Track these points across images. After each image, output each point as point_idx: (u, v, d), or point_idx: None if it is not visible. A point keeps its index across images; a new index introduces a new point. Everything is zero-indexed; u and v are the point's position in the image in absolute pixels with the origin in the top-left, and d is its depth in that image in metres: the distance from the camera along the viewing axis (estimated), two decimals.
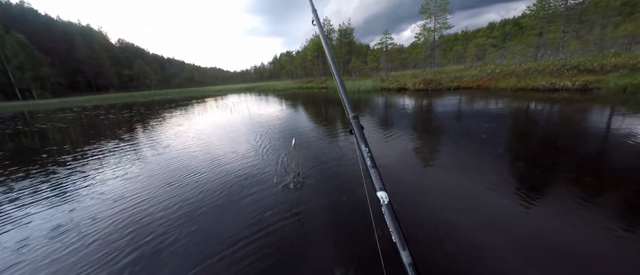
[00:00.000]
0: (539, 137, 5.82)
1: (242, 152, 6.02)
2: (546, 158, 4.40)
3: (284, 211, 3.19)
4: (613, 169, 3.84)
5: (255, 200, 3.54)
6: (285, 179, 4.12)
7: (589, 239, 2.41)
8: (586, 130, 5.94)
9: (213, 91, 55.74)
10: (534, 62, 17.97)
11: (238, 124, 10.25)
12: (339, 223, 2.92)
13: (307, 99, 20.61)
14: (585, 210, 2.83)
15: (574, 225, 2.61)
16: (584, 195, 3.12)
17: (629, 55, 14.42)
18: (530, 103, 10.24)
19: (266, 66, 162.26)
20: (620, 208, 2.86)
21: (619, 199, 3.04)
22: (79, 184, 4.72)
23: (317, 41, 49.13)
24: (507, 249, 2.34)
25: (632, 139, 4.96)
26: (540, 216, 2.78)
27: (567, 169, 3.88)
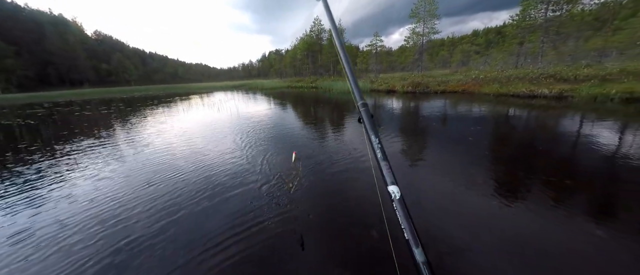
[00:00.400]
0: (520, 141, 6.00)
1: (228, 152, 5.77)
2: (528, 161, 4.53)
3: (282, 216, 3.04)
4: (586, 171, 4.00)
5: (243, 205, 3.35)
6: (282, 183, 3.95)
7: (570, 239, 2.45)
8: (563, 136, 6.21)
9: (199, 88, 54.08)
10: (514, 70, 18.80)
11: (225, 122, 9.90)
12: (348, 222, 2.89)
13: (297, 98, 20.40)
14: (565, 210, 2.90)
15: (555, 224, 2.65)
16: (564, 197, 3.21)
17: (599, 67, 15.42)
18: (511, 108, 10.64)
19: (255, 64, 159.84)
20: (595, 209, 2.96)
21: (594, 200, 3.15)
22: (47, 185, 4.31)
23: (307, 40, 48.94)
24: (492, 247, 2.33)
25: (601, 144, 5.22)
26: (522, 216, 2.82)
27: (548, 172, 3.99)
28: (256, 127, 8.57)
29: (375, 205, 3.07)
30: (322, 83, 31.12)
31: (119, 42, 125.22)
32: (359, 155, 5.13)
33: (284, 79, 53.86)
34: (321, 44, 48.62)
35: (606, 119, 7.64)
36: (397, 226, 0.69)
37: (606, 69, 13.95)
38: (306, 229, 2.76)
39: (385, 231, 2.54)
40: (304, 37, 51.90)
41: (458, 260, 2.27)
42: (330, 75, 43.98)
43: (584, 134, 6.14)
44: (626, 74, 12.57)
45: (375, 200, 3.04)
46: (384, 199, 0.83)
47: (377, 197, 1.00)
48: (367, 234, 2.64)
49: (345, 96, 20.10)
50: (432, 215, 2.99)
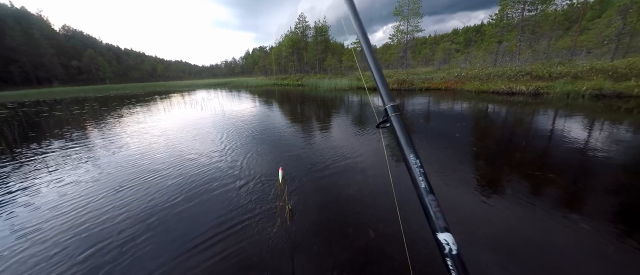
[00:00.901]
0: (504, 137, 6.18)
1: (211, 156, 5.49)
2: (513, 156, 4.65)
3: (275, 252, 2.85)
4: (568, 166, 4.15)
5: (226, 225, 3.15)
6: (271, 206, 3.75)
7: (555, 230, 2.49)
8: (543, 131, 6.46)
9: (180, 86, 51.97)
10: (494, 68, 19.57)
11: (208, 122, 9.48)
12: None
13: (284, 96, 20.07)
14: (549, 202, 2.97)
15: (542, 217, 2.70)
16: (549, 190, 3.30)
17: (571, 65, 16.38)
18: (493, 105, 11.02)
19: (238, 61, 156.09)
20: (575, 201, 3.05)
21: (574, 193, 3.26)
22: (4, 192, 3.86)
23: (292, 37, 48.29)
24: (488, 242, 2.32)
25: (576, 139, 5.48)
26: (511, 210, 2.85)
27: (532, 167, 4.10)
28: (242, 128, 8.27)
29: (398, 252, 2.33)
30: (309, 80, 30.88)
31: (90, 38, 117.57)
32: (365, 165, 5.04)
33: (269, 77, 53.00)
34: (306, 41, 48.19)
35: (578, 114, 8.10)
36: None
37: (577, 67, 14.82)
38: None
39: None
40: (289, 34, 51.21)
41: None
42: (315, 73, 43.74)
43: (561, 130, 6.43)
44: (595, 71, 13.40)
45: (398, 247, 2.38)
46: (417, 249, 0.63)
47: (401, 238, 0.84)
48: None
49: (330, 94, 20.03)
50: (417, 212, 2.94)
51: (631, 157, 4.47)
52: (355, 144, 5.81)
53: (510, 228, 2.69)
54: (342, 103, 14.39)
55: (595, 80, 12.50)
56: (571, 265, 2.18)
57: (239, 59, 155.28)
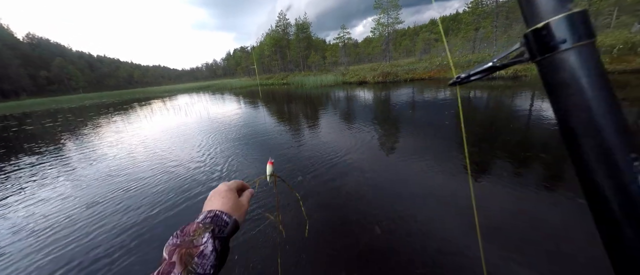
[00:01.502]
0: (492, 121, 6.34)
1: (195, 161, 5.28)
2: (503, 139, 4.77)
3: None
4: (549, 142, 4.31)
5: None
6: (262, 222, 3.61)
7: (554, 209, 2.56)
8: (528, 113, 6.70)
9: (159, 92, 50.02)
10: (473, 55, 20.14)
11: (192, 127, 9.15)
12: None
13: (270, 96, 19.75)
14: (543, 181, 3.06)
15: (539, 196, 2.77)
16: (535, 168, 3.40)
17: None
18: (476, 90, 11.34)
19: (219, 63, 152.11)
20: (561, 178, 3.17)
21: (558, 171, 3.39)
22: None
23: (274, 35, 47.49)
24: (495, 228, 2.35)
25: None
26: (511, 193, 2.91)
27: (524, 148, 4.22)
28: (229, 132, 8.03)
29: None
30: (294, 79, 30.59)
31: (59, 46, 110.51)
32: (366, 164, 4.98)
33: (253, 77, 52.06)
34: (288, 39, 47.59)
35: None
36: None
37: None
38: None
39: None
40: (270, 32, 50.36)
41: (455, 240, 2.24)
42: (300, 70, 43.40)
43: (539, 110, 6.70)
44: None
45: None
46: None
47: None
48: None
49: (317, 91, 19.93)
50: (424, 204, 2.95)
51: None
52: (353, 140, 5.78)
53: (512, 209, 2.74)
54: (329, 99, 14.35)
55: None
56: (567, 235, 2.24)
57: (220, 61, 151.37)
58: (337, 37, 34.83)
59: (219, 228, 0.48)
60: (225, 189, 0.59)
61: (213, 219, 0.49)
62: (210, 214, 0.50)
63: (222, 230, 0.48)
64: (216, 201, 0.55)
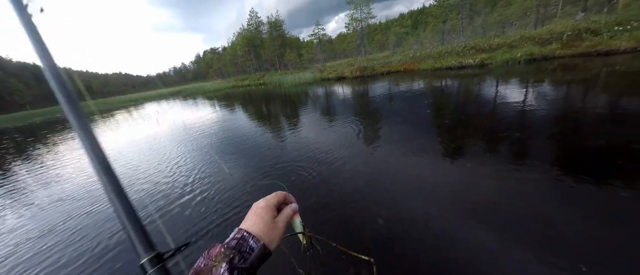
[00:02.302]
0: (468, 107, 6.64)
1: (167, 177, 4.91)
2: (478, 123, 5.01)
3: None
4: (513, 122, 4.60)
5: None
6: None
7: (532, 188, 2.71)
8: (496, 97, 7.10)
9: (123, 101, 46.35)
10: (442, 46, 21.13)
11: (160, 138, 8.53)
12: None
13: (247, 98, 19.11)
14: (517, 159, 3.23)
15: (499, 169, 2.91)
16: (512, 147, 3.60)
17: (505, 37, 18.40)
18: (449, 80, 11.87)
19: (189, 66, 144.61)
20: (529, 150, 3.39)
21: (527, 145, 3.62)
22: None
23: (246, 35, 46.02)
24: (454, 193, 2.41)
25: (520, 99, 6.15)
26: (479, 169, 3.03)
27: (501, 128, 4.45)
28: (207, 140, 7.59)
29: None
30: (271, 78, 29.94)
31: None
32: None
33: (227, 79, 50.13)
34: (262, 38, 46.45)
35: (516, 79, 9.18)
36: None
37: (510, 37, 16.69)
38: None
39: None
40: (242, 31, 48.76)
41: (437, 223, 2.26)
42: (276, 69, 42.64)
43: (505, 94, 7.14)
44: (525, 39, 15.23)
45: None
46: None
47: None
48: None
49: (295, 89, 19.68)
50: (413, 190, 2.97)
51: (558, 107, 5.19)
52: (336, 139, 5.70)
53: (496, 187, 2.83)
54: (310, 97, 14.20)
55: (526, 47, 14.20)
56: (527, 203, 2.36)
57: (190, 64, 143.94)
58: (311, 34, 34.68)
59: (241, 256, 0.42)
60: (263, 205, 0.52)
61: (238, 243, 0.44)
62: (237, 235, 0.45)
63: (245, 259, 0.42)
64: (249, 219, 0.50)
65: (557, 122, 4.53)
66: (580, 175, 2.82)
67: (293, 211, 0.56)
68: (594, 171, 2.86)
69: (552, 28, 15.53)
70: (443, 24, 23.76)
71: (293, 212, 0.56)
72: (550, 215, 2.32)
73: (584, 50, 12.05)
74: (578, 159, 3.22)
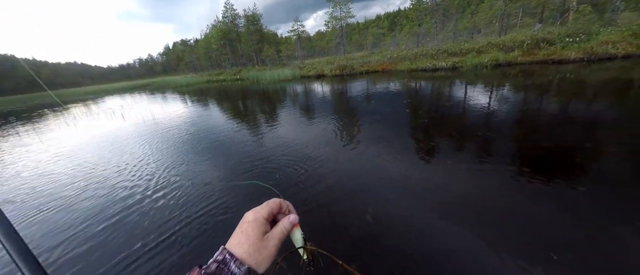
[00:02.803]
0: (445, 107, 6.94)
1: (128, 183, 4.49)
2: (457, 122, 5.26)
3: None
4: (502, 123, 4.93)
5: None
6: None
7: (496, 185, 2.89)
8: (470, 99, 7.54)
9: (80, 94, 41.86)
10: (418, 48, 22.05)
11: (126, 135, 7.81)
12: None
13: (223, 94, 18.26)
14: (492, 157, 3.45)
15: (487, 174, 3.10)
16: (476, 144, 3.83)
17: (474, 42, 19.70)
18: (425, 81, 12.39)
19: (157, 59, 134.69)
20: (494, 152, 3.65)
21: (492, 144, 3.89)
22: None
23: (222, 28, 43.94)
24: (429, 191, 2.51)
25: (485, 102, 6.62)
26: (453, 167, 3.19)
27: (476, 128, 4.70)
28: (181, 139, 7.08)
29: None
30: (248, 74, 28.95)
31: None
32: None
33: (201, 74, 47.55)
34: (238, 32, 44.70)
35: (483, 82, 9.90)
36: None
37: (478, 43, 17.89)
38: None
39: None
40: (217, 24, 46.51)
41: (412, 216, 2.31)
42: (254, 65, 41.38)
43: (473, 97, 7.64)
44: (492, 46, 16.42)
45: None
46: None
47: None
48: None
49: (276, 86, 19.24)
50: (401, 187, 3.00)
51: (517, 109, 5.68)
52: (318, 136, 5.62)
53: (471, 183, 2.96)
54: (291, 94, 13.95)
55: (492, 53, 15.32)
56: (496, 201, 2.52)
57: (158, 56, 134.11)
58: (291, 30, 34.09)
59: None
60: (250, 218, 0.43)
61: (219, 267, 0.36)
62: (219, 257, 0.38)
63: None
64: (235, 236, 0.42)
65: (517, 124, 4.94)
66: (538, 170, 3.05)
67: (292, 224, 0.47)
68: (549, 167, 3.15)
69: (515, 36, 16.93)
70: (418, 27, 24.85)
71: (292, 226, 0.47)
72: (514, 207, 2.47)
73: (541, 58, 13.31)
74: (536, 157, 3.50)
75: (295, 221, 0.48)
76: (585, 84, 7.77)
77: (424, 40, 25.29)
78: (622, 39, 11.72)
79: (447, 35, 24.18)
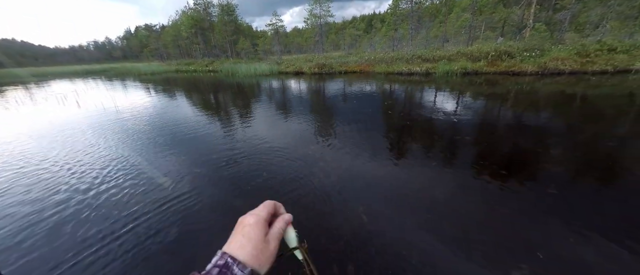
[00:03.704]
0: (422, 111, 7.23)
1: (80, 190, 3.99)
2: (437, 125, 5.50)
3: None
4: (447, 127, 5.26)
5: None
6: None
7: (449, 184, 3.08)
8: (442, 104, 7.95)
9: (22, 76, 36.23)
10: (394, 52, 22.83)
11: (77, 124, 6.91)
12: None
13: (194, 85, 17.07)
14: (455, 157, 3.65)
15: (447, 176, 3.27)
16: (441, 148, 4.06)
17: (445, 50, 20.93)
18: (402, 85, 12.84)
19: (116, 43, 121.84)
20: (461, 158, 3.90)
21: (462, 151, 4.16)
22: None
23: (193, 15, 41.05)
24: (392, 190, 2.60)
25: (451, 108, 7.07)
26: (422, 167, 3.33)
27: (456, 133, 4.95)
28: (142, 132, 6.43)
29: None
30: (222, 66, 27.49)
31: None
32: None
33: (169, 62, 44.04)
34: (211, 21, 42.18)
35: (452, 89, 10.56)
36: None
37: (449, 52, 19.05)
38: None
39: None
40: (188, 11, 43.39)
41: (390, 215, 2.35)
42: (228, 57, 39.44)
43: (448, 101, 8.10)
44: (461, 54, 17.59)
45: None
46: None
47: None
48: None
49: (253, 80, 18.53)
50: (380, 187, 3.02)
51: (483, 115, 6.15)
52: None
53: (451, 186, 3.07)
54: (269, 90, 13.52)
55: (461, 61, 16.41)
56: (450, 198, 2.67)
57: (117, 40, 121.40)
58: (269, 24, 33.05)
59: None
60: (252, 221, 0.43)
61: (221, 271, 0.36)
62: (220, 261, 0.38)
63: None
64: (234, 239, 0.42)
65: (480, 129, 5.33)
66: (499, 172, 3.27)
67: (286, 223, 0.48)
68: (501, 167, 3.46)
69: (481, 47, 18.32)
70: (394, 31, 25.75)
71: (286, 225, 0.48)
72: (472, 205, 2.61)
73: (503, 69, 14.58)
74: (493, 158, 3.77)
75: (290, 220, 0.49)
76: (538, 95, 8.65)
77: (399, 44, 26.30)
78: (568, 56, 13.31)
79: (420, 41, 25.45)
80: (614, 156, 3.71)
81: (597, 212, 2.55)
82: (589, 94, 8.19)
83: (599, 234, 2.24)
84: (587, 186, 3.07)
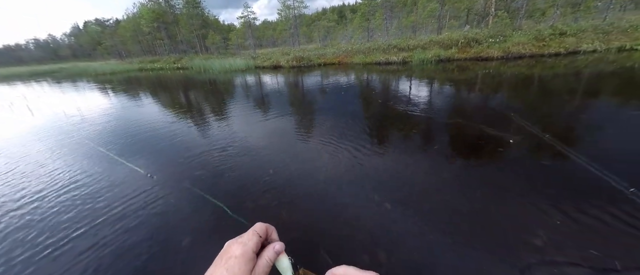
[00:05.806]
0: (409, 99, 7.44)
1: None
2: (424, 113, 5.71)
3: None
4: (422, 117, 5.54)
5: None
6: None
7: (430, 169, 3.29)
8: (422, 91, 8.27)
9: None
10: (371, 42, 23.12)
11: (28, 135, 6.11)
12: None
13: (162, 85, 15.85)
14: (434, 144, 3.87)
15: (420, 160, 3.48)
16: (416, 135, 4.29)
17: (419, 39, 21.64)
18: (381, 74, 13.09)
19: (62, 40, 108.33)
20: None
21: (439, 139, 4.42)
22: None
23: (153, 8, 37.72)
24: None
25: (425, 95, 7.43)
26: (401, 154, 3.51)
27: (446, 114, 5.18)
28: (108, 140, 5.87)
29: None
30: (192, 62, 25.79)
31: None
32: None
33: (130, 61, 40.26)
34: (175, 14, 39.16)
35: (427, 76, 11.04)
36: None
37: (423, 40, 19.76)
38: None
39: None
40: (147, 3, 39.80)
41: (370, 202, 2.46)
42: (197, 53, 37.11)
43: (425, 88, 8.46)
44: (434, 43, 18.33)
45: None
46: None
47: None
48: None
49: (227, 76, 17.67)
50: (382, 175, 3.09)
51: (454, 102, 6.53)
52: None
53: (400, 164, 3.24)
54: (246, 86, 13.01)
55: (435, 49, 17.13)
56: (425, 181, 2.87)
57: (63, 37, 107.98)
58: (240, 16, 31.40)
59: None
60: (238, 253, 0.38)
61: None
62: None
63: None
64: (216, 272, 0.36)
65: (452, 111, 5.67)
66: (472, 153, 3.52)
67: (276, 253, 0.42)
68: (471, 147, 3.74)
69: (451, 35, 19.24)
70: (367, 22, 26.07)
71: (276, 255, 0.42)
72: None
73: (473, 55, 15.50)
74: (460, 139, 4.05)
75: (281, 250, 0.43)
76: (502, 78, 9.35)
77: (374, 35, 26.75)
78: (528, 41, 14.52)
79: (394, 31, 26.05)
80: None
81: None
82: (544, 75, 9.06)
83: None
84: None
